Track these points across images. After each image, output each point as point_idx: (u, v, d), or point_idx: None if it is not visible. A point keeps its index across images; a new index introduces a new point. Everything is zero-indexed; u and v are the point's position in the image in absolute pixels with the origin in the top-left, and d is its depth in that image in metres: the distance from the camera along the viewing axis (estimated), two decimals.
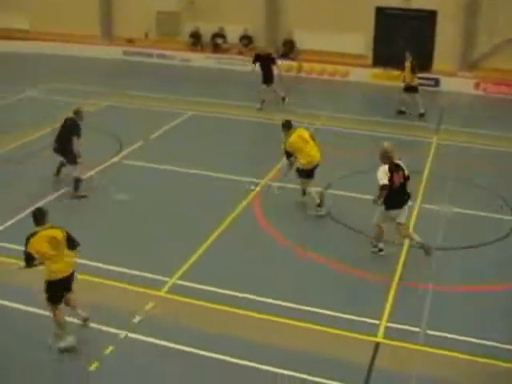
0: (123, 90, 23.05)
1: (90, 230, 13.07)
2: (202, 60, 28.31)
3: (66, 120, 14.84)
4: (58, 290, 9.51)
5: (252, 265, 11.99)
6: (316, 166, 13.92)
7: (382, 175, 11.62)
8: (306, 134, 14.06)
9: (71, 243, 9.57)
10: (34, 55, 28.86)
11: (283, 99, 21.76)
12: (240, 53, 28.18)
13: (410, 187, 12.12)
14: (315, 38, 26.92)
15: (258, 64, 21.70)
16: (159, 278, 11.31)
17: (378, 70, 26.07)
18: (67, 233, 9.54)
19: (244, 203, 14.39)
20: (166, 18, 29.57)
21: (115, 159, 16.77)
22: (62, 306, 9.66)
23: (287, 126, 14.12)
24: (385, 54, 25.49)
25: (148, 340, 9.74)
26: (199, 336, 9.84)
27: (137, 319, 10.19)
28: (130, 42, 29.94)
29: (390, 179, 11.59)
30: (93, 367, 9.17)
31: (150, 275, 11.38)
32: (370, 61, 27.03)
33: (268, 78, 21.47)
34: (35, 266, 9.38)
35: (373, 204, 11.93)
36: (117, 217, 13.85)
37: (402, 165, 11.91)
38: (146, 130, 18.89)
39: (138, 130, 18.83)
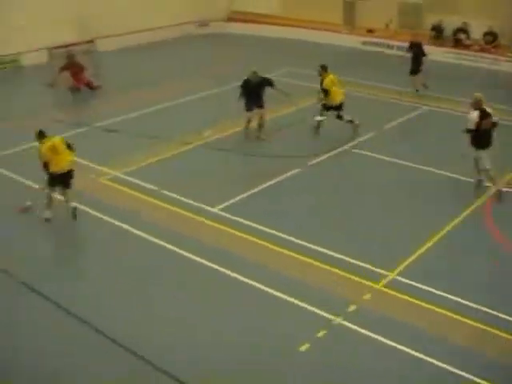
0: (358, 80, 23.14)
1: (315, 211, 13.52)
2: (441, 54, 27.46)
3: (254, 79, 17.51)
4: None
5: (476, 270, 11.51)
6: (341, 104, 17.61)
7: (472, 119, 13.67)
8: (336, 79, 17.53)
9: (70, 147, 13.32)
10: (279, 40, 29.97)
11: (417, 91, 21.70)
12: (482, 50, 26.99)
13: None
14: None
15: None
16: (378, 270, 11.30)
17: None
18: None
19: (474, 205, 13.86)
20: (408, 9, 29.10)
21: (345, 147, 16.98)
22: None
23: (324, 68, 17.66)
24: None
25: (360, 330, 9.80)
26: (413, 335, 9.70)
27: (352, 308, 10.30)
28: (371, 31, 29.92)
29: (479, 124, 13.58)
30: (303, 348, 9.42)
31: (369, 266, 11.42)
32: None
33: (415, 67, 21.69)
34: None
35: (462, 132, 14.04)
36: (342, 202, 14.14)
37: (491, 113, 13.74)
38: (380, 120, 18.87)
39: (372, 120, 18.84)
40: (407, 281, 11.02)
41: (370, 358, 9.32)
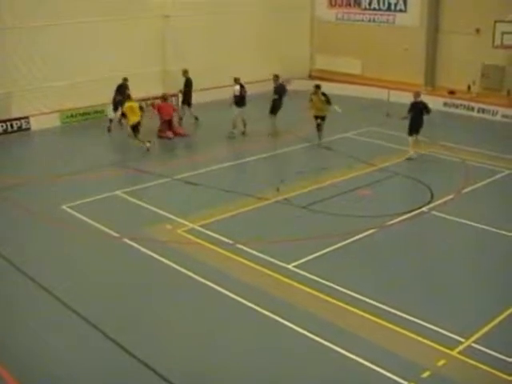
0: (439, 141, 22.99)
1: (389, 272, 13.38)
2: None
3: None
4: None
5: None
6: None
7: (237, 89, 23.54)
8: (133, 108, 22.44)
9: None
10: (360, 98, 30.22)
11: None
12: None
13: None
14: None
15: None
16: (453, 336, 10.99)
17: None
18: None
19: None
20: (491, 71, 28.81)
21: (424, 209, 16.78)
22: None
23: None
24: None
25: None
26: None
27: (425, 374, 10.04)
28: (452, 93, 29.72)
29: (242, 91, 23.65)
30: None
31: (443, 331, 11.13)
32: None
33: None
34: None
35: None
36: (418, 264, 13.93)
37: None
38: (459, 183, 18.62)
39: (450, 183, 18.64)
40: (484, 349, 10.66)
41: None
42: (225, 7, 30.59)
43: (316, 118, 22.73)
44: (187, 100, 25.49)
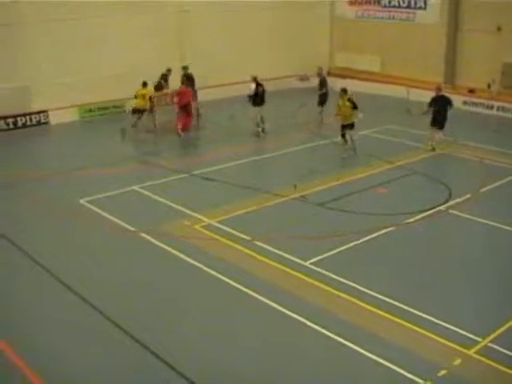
0: (458, 139, 22.84)
1: (406, 271, 13.33)
2: None
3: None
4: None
5: None
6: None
7: (252, 87, 23.01)
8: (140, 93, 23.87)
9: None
10: (379, 96, 30.20)
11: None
12: None
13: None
14: None
15: None
16: (470, 335, 10.94)
17: None
18: None
19: None
20: (511, 69, 28.59)
21: (442, 208, 16.70)
22: None
23: (144, 84, 23.87)
24: None
25: None
26: None
27: (441, 373, 10.00)
28: (471, 92, 29.53)
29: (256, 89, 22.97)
30: None
31: (460, 330, 11.08)
32: None
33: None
34: None
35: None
36: (435, 263, 13.87)
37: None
38: (477, 182, 18.49)
39: (469, 181, 18.53)
40: (501, 349, 10.60)
41: None
42: (245, 3, 30.58)
43: (343, 127, 21.11)
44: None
